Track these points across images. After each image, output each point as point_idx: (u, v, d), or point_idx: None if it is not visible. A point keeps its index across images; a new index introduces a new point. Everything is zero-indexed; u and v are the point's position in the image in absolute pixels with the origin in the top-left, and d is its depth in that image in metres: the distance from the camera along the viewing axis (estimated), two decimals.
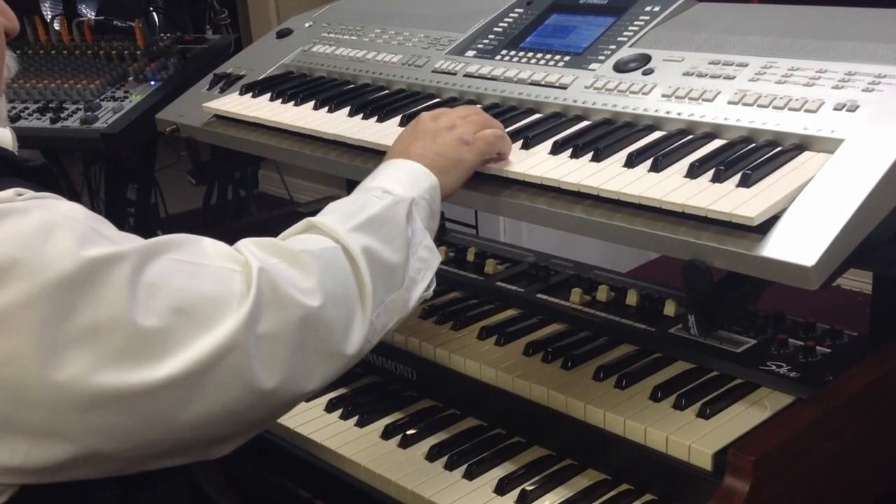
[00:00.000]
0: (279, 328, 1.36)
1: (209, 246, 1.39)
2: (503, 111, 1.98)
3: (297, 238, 1.53)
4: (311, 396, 1.51)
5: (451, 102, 2.07)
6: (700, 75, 1.83)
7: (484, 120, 1.81)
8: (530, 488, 1.74)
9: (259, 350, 1.33)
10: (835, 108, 1.63)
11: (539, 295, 2.20)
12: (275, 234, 1.54)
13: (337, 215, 1.56)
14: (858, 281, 4.07)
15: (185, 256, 1.34)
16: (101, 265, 1.23)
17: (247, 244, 1.43)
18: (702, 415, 1.70)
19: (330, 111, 2.16)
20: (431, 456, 1.86)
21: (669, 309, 2.04)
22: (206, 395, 1.30)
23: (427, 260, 1.61)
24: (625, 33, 2.04)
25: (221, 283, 1.34)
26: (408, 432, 1.93)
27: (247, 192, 4.48)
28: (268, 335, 1.35)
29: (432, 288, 1.64)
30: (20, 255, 1.20)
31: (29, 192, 1.26)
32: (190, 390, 1.28)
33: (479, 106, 2.04)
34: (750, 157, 1.60)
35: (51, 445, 1.24)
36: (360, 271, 1.49)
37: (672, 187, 1.56)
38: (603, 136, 1.78)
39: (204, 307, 1.30)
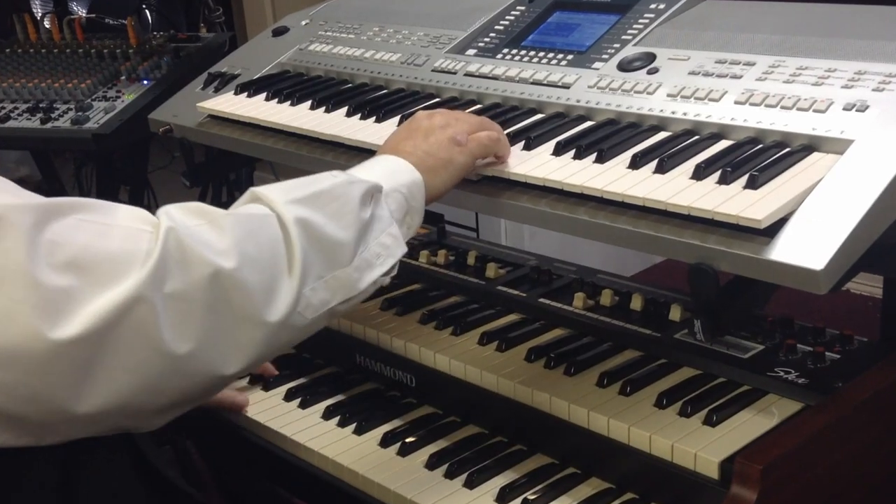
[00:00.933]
0: (187, 287, 1.34)
1: (122, 210, 1.39)
2: (505, 111, 1.98)
3: (238, 208, 1.53)
4: (239, 372, 1.46)
5: (450, 102, 2.07)
6: (706, 74, 1.83)
7: (480, 121, 1.81)
8: (532, 497, 1.74)
9: (167, 310, 1.32)
10: (844, 108, 1.63)
11: (541, 299, 2.20)
12: None
13: (283, 186, 1.57)
14: (869, 285, 4.07)
15: (94, 217, 1.33)
16: (1, 216, 1.23)
17: (167, 208, 1.42)
18: (708, 422, 1.70)
19: (327, 111, 2.16)
20: (431, 464, 1.85)
21: (675, 314, 2.04)
22: (111, 356, 1.28)
23: (389, 247, 1.61)
24: (629, 31, 2.04)
25: (127, 241, 1.33)
26: (407, 440, 1.93)
27: (241, 194, 4.48)
28: (176, 294, 1.33)
29: (391, 275, 1.63)
30: None
31: None
32: (93, 350, 1.27)
33: (479, 106, 2.05)
34: (757, 158, 1.60)
35: None
36: (291, 241, 1.47)
37: (678, 189, 1.56)
38: (607, 136, 1.78)
39: (106, 265, 1.29)
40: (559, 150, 1.76)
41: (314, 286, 1.50)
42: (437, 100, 2.11)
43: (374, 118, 2.05)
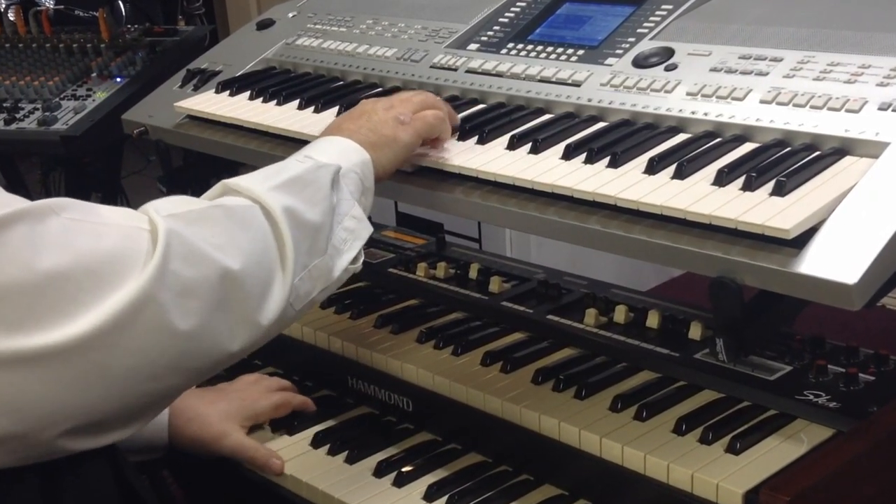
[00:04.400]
0: (195, 283, 1.43)
1: (107, 210, 1.46)
2: (510, 111, 1.99)
3: (214, 200, 1.59)
4: (232, 362, 1.56)
5: (451, 102, 2.07)
6: (729, 71, 1.84)
7: (424, 100, 1.91)
8: None
9: (175, 304, 1.39)
10: (879, 108, 1.63)
11: (549, 316, 2.20)
12: None
13: (255, 176, 1.65)
14: None
15: (84, 217, 1.40)
16: None
17: (154, 203, 1.50)
18: (731, 450, 1.70)
19: (316, 111, 2.16)
20: (429, 496, 1.85)
21: (695, 332, 2.04)
22: (123, 354, 1.36)
23: (354, 230, 1.70)
24: (645, 24, 2.05)
25: (126, 240, 1.40)
26: (403, 469, 1.93)
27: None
28: (183, 290, 1.41)
29: (360, 261, 1.73)
30: None
31: None
32: (106, 348, 1.34)
33: (482, 105, 2.05)
34: (785, 162, 1.60)
35: None
36: (280, 231, 1.56)
37: (698, 196, 1.56)
38: (621, 139, 1.78)
39: (110, 265, 1.36)
40: (569, 154, 1.77)
41: (301, 276, 1.59)
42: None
43: None
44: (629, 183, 1.65)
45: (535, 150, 1.81)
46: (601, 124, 1.88)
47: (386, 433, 2.07)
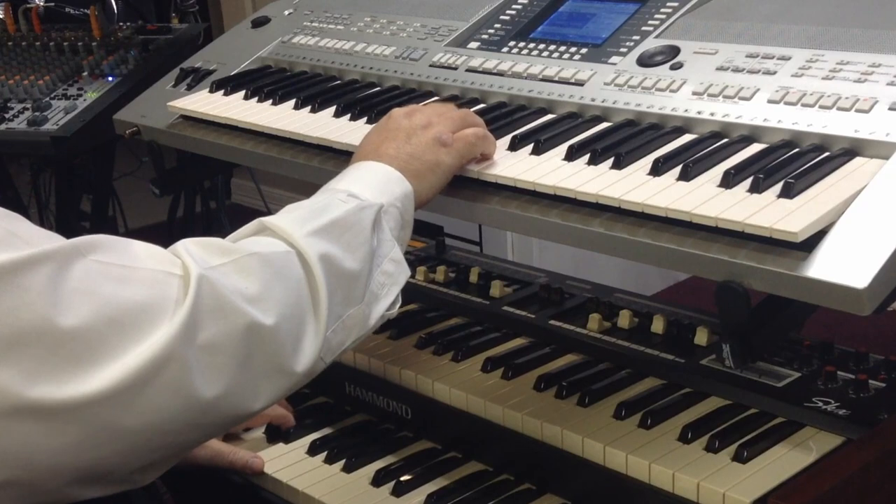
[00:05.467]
0: (221, 338, 1.38)
1: (140, 249, 1.41)
2: (511, 111, 1.99)
3: (247, 241, 1.54)
4: (260, 412, 1.52)
5: (454, 101, 2.07)
6: (736, 70, 1.84)
7: (463, 116, 1.83)
8: None
9: (199, 362, 1.36)
10: (890, 108, 1.63)
11: (552, 321, 2.20)
12: None
13: (294, 216, 1.58)
14: None
15: (112, 259, 1.35)
16: (18, 269, 1.25)
17: (186, 245, 1.45)
18: (738, 458, 1.70)
19: (313, 111, 2.16)
20: None
21: (701, 337, 2.04)
22: (140, 413, 1.32)
23: (393, 274, 1.65)
24: (650, 22, 2.05)
25: (154, 288, 1.35)
26: (402, 478, 1.93)
27: (218, 204, 4.48)
28: (209, 346, 1.37)
29: (397, 306, 1.67)
30: None
31: None
32: (123, 406, 1.30)
33: (482, 105, 2.05)
34: (793, 163, 1.60)
35: None
36: (315, 280, 1.51)
37: (704, 198, 1.57)
38: (625, 139, 1.78)
39: (135, 315, 1.32)
40: (572, 155, 1.77)
41: (335, 328, 1.54)
42: (435, 98, 2.11)
43: (365, 119, 2.06)
44: (634, 185, 1.65)
45: (537, 151, 1.81)
46: (605, 125, 1.88)
47: (384, 441, 2.07)
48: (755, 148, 1.70)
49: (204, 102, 2.35)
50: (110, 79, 3.42)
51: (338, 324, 1.54)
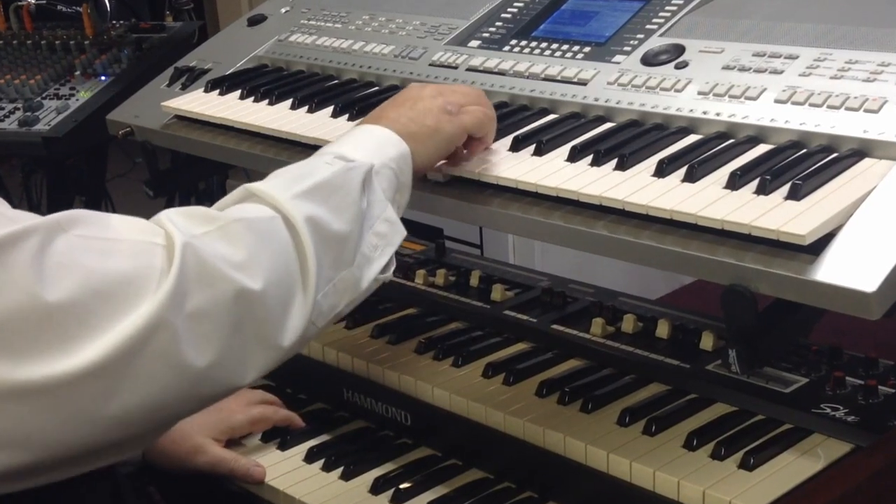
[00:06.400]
0: (209, 306, 1.39)
1: (120, 221, 1.42)
2: (513, 111, 1.99)
3: (232, 208, 1.55)
4: (253, 381, 1.53)
5: None
6: (742, 69, 1.84)
7: (478, 94, 1.86)
8: None
9: (188, 331, 1.36)
10: None
11: (554, 326, 2.20)
12: None
13: (280, 181, 1.60)
14: None
15: (94, 232, 1.36)
16: (1, 246, 1.26)
17: (169, 214, 1.45)
18: (745, 466, 1.70)
19: (310, 111, 2.16)
20: None
21: (706, 342, 2.04)
22: (132, 385, 1.33)
23: (386, 235, 1.65)
24: (655, 20, 2.05)
25: (139, 259, 1.36)
26: (401, 486, 1.93)
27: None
28: (197, 314, 1.37)
29: (391, 269, 1.67)
30: None
31: None
32: (115, 379, 1.31)
33: None
34: (800, 164, 1.60)
35: None
36: (302, 244, 1.51)
37: (710, 200, 1.57)
38: (629, 140, 1.78)
39: (121, 287, 1.32)
40: (575, 156, 1.77)
41: (325, 291, 1.54)
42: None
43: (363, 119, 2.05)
44: (638, 186, 1.65)
45: (539, 152, 1.81)
46: (608, 125, 1.88)
47: (383, 448, 2.07)
48: (762, 149, 1.70)
49: (199, 102, 2.35)
50: (103, 78, 3.42)
51: (328, 287, 1.55)
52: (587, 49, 2.05)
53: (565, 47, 2.08)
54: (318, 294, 1.53)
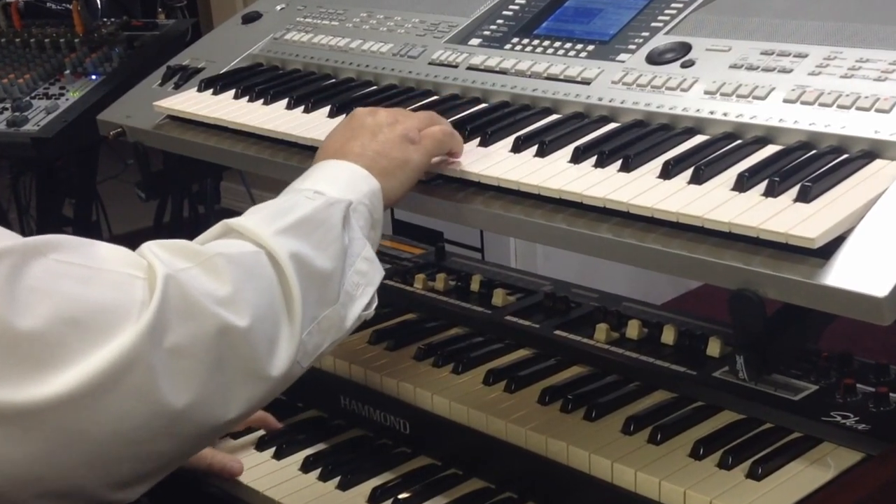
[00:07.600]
0: (190, 341, 1.38)
1: (104, 249, 1.41)
2: (514, 111, 1.99)
3: (213, 243, 1.55)
4: (235, 422, 1.51)
5: (450, 101, 2.08)
6: (750, 68, 1.84)
7: (429, 114, 1.87)
8: None
9: (166, 367, 1.35)
10: None
11: (557, 331, 2.20)
12: None
13: (260, 216, 1.60)
14: None
15: (74, 258, 1.35)
16: None
17: (151, 247, 1.45)
18: (752, 475, 1.70)
19: (306, 111, 2.16)
20: None
21: (713, 348, 2.04)
22: (104, 419, 1.31)
23: (367, 274, 1.66)
24: (660, 17, 2.05)
25: (119, 289, 1.35)
26: (400, 496, 1.93)
27: (206, 209, 4.48)
28: (176, 350, 1.36)
29: (373, 307, 1.69)
30: None
31: None
32: (85, 412, 1.29)
33: (484, 105, 2.05)
34: (810, 166, 1.60)
35: None
36: (287, 280, 1.51)
37: (717, 202, 1.57)
38: (634, 140, 1.78)
39: (98, 316, 1.31)
40: (578, 157, 1.77)
41: (310, 330, 1.55)
42: (434, 98, 2.12)
43: None
44: (643, 188, 1.65)
45: (541, 153, 1.81)
46: (613, 125, 1.88)
47: (381, 457, 2.07)
48: (770, 150, 1.70)
49: (192, 102, 2.35)
50: (94, 77, 3.42)
51: (313, 325, 1.55)
52: (591, 47, 2.05)
53: (568, 45, 2.08)
54: (304, 332, 1.53)
